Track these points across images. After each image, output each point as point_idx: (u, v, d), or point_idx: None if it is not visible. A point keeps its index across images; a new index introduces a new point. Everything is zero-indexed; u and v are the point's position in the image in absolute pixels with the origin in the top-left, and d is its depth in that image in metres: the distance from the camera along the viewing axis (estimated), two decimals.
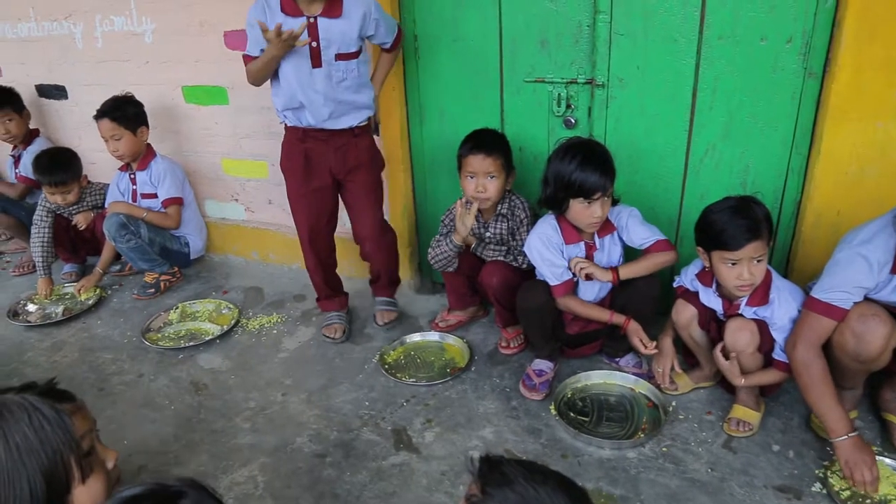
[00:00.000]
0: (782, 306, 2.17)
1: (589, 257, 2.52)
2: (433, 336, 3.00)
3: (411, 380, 2.70)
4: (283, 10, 2.52)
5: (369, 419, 2.50)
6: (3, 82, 4.32)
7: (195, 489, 1.03)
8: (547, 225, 2.51)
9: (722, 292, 2.28)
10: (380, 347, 2.94)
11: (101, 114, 3.47)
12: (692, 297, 2.37)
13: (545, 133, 2.86)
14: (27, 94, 4.27)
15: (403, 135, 3.11)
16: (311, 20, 2.50)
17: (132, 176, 3.65)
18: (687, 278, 2.41)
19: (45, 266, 3.70)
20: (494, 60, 2.82)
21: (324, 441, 2.40)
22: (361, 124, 2.78)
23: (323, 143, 2.75)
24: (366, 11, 2.57)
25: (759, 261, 2.11)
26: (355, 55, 2.62)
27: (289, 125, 2.78)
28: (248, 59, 2.64)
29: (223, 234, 3.94)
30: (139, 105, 3.57)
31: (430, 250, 2.84)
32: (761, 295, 2.19)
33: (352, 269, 3.53)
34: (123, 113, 3.48)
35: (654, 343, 2.43)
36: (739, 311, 2.25)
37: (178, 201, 3.66)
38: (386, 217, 3.30)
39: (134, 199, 3.66)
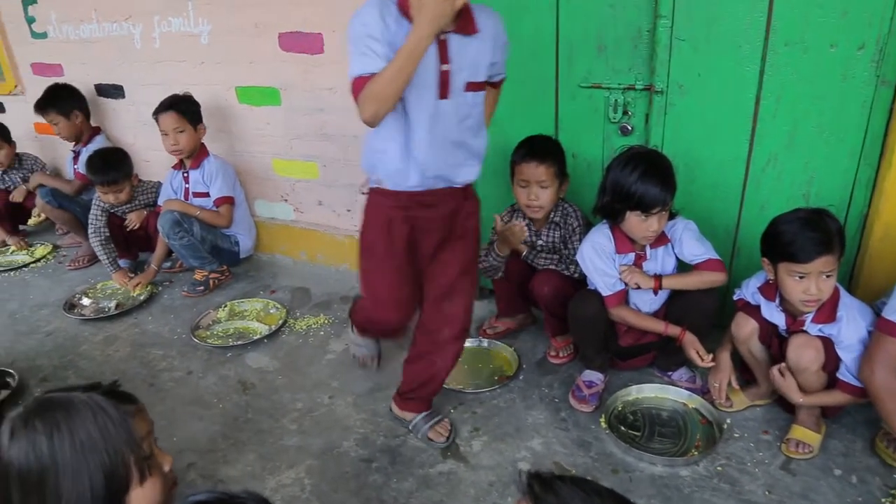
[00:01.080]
0: (850, 325, 2.09)
1: (638, 267, 2.46)
2: (481, 343, 2.96)
3: (458, 386, 2.67)
4: (402, 13, 1.87)
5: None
6: (65, 81, 4.44)
7: (257, 501, 1.03)
8: (600, 234, 2.46)
9: (786, 307, 2.20)
10: None
11: (167, 106, 3.54)
12: (753, 310, 2.30)
13: (600, 140, 2.81)
14: (86, 93, 4.38)
15: None
16: (442, 38, 1.91)
17: (185, 174, 3.70)
18: (748, 291, 2.34)
19: (112, 261, 3.78)
20: (550, 65, 2.78)
21: (370, 446, 2.38)
22: (473, 181, 2.23)
23: (431, 209, 2.13)
24: (496, 32, 2.06)
25: (828, 276, 2.03)
26: (482, 86, 2.08)
27: (387, 188, 2.12)
28: (361, 81, 1.84)
29: (272, 233, 3.97)
30: (198, 104, 3.63)
31: (479, 260, 2.81)
32: (828, 312, 2.11)
33: None
34: (188, 107, 3.56)
35: (711, 356, 2.37)
36: (804, 328, 2.17)
37: (229, 200, 3.70)
38: None
39: (186, 198, 3.71)
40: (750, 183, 2.61)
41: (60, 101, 4.12)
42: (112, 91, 4.29)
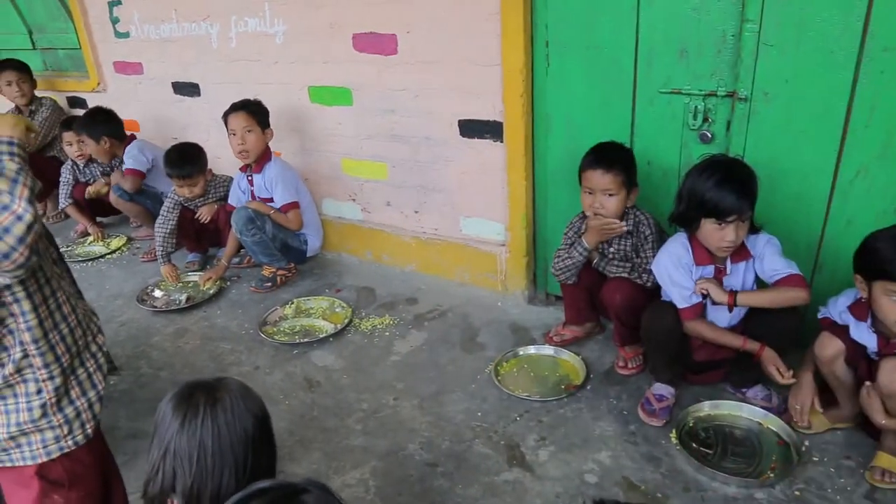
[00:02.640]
0: None
1: (717, 281, 2.38)
2: (547, 350, 2.92)
3: (524, 394, 2.63)
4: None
5: (481, 431, 2.45)
6: (144, 79, 4.60)
7: (320, 489, 1.03)
8: (678, 244, 2.39)
9: (879, 328, 2.09)
10: (492, 357, 2.88)
11: (239, 107, 3.60)
12: (840, 330, 2.19)
13: (677, 147, 2.73)
14: (163, 90, 4.51)
15: (527, 142, 3.04)
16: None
17: (250, 178, 3.76)
18: (835, 310, 2.23)
19: (165, 254, 3.87)
20: (628, 70, 2.72)
21: (435, 450, 2.37)
22: None
23: None
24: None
25: None
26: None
27: None
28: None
29: (339, 232, 4.01)
30: (267, 111, 3.69)
31: (554, 261, 2.77)
32: None
33: (465, 275, 3.50)
34: (258, 109, 3.62)
35: (791, 372, 2.27)
36: None
37: (295, 205, 3.72)
38: (504, 225, 3.27)
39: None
40: (836, 195, 2.49)
41: (95, 125, 4.27)
42: (188, 89, 4.39)
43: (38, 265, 1.34)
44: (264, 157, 3.72)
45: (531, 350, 2.93)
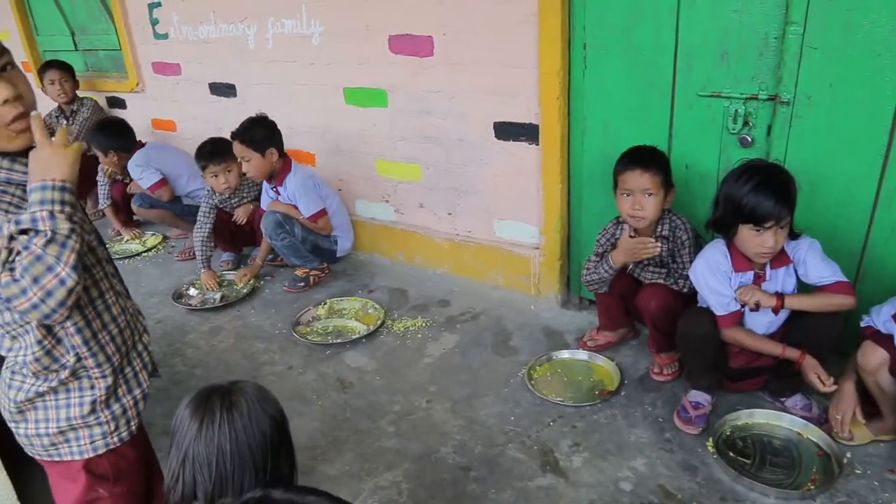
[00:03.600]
0: None
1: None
2: (581, 355, 2.90)
3: (558, 399, 2.62)
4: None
5: (515, 436, 2.44)
6: (182, 80, 4.66)
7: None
8: (716, 250, 2.35)
9: None
10: (525, 361, 2.87)
11: (232, 136, 3.59)
12: (884, 339, 2.13)
13: (716, 151, 2.69)
14: (201, 91, 4.56)
15: (563, 145, 3.02)
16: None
17: (275, 189, 3.79)
18: (879, 318, 2.18)
19: (205, 260, 3.91)
20: (667, 72, 2.68)
21: (468, 454, 2.36)
22: None
23: None
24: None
25: None
26: None
27: None
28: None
29: (371, 233, 4.02)
30: (269, 126, 3.61)
31: (584, 272, 2.75)
32: None
33: (498, 278, 3.49)
34: (251, 136, 3.55)
35: (832, 379, 2.22)
36: None
37: (322, 214, 3.71)
38: (538, 228, 3.25)
39: None
40: (881, 202, 2.44)
41: (104, 138, 4.37)
42: (224, 89, 4.44)
43: (90, 263, 1.36)
44: (283, 170, 3.69)
45: (565, 354, 2.91)
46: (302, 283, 3.74)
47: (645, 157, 2.55)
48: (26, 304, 1.11)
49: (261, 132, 3.58)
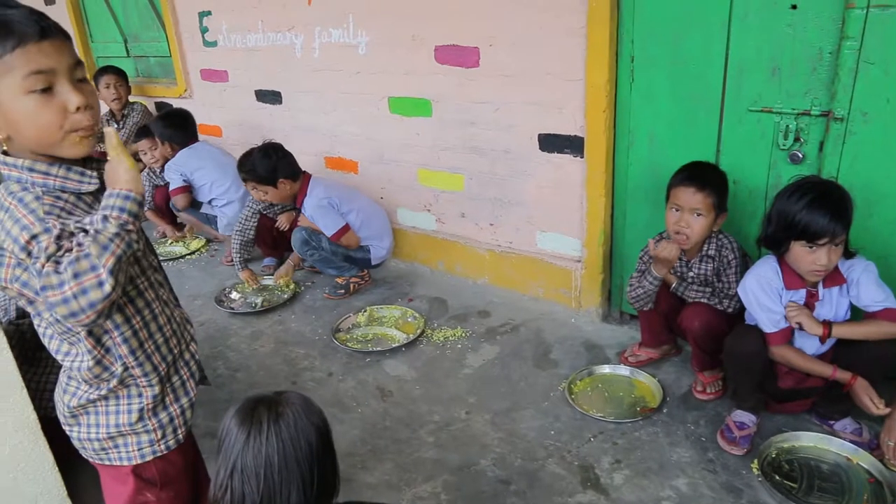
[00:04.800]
0: None
1: (809, 307, 2.28)
2: (622, 370, 2.86)
3: (599, 414, 2.59)
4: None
5: (555, 450, 2.42)
6: (229, 87, 4.75)
7: None
8: (767, 266, 2.31)
9: None
10: (565, 375, 2.85)
11: (239, 171, 3.77)
12: None
13: (765, 167, 2.65)
14: (246, 97, 4.64)
15: (608, 158, 3.00)
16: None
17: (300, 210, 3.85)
18: None
19: (241, 261, 3.98)
20: (716, 86, 2.65)
21: (508, 467, 2.35)
22: None
23: None
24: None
25: None
26: None
27: None
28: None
29: (412, 242, 4.03)
30: (274, 157, 3.66)
31: (628, 289, 2.72)
32: None
33: (539, 290, 3.48)
34: (256, 173, 3.66)
35: (884, 402, 2.16)
36: None
37: (343, 231, 3.70)
38: (580, 240, 3.23)
39: None
40: None
41: (178, 129, 4.54)
42: (270, 97, 4.51)
43: (129, 278, 1.37)
44: (301, 192, 3.74)
45: (606, 369, 2.88)
46: (342, 291, 3.77)
47: (702, 176, 2.51)
48: (59, 296, 1.10)
49: (264, 166, 3.65)
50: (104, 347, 1.34)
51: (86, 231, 1.17)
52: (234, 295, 3.91)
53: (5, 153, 1.27)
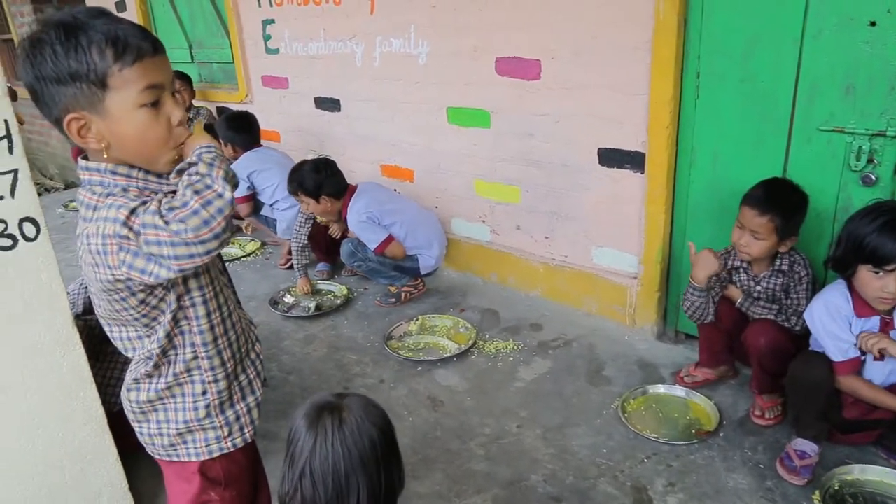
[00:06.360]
0: None
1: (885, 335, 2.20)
2: (678, 391, 2.80)
3: (653, 435, 2.54)
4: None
5: (607, 469, 2.38)
6: (288, 93, 4.84)
7: None
8: (837, 292, 2.24)
9: None
10: (619, 393, 2.80)
11: (289, 180, 3.80)
12: None
13: (835, 189, 2.57)
14: (306, 104, 4.72)
15: (669, 175, 2.96)
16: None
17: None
18: None
19: (301, 268, 4.02)
20: (786, 105, 2.59)
21: (559, 484, 2.32)
22: None
23: None
24: None
25: None
26: None
27: None
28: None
29: (466, 252, 4.03)
30: (322, 173, 3.70)
31: (682, 302, 2.67)
32: None
33: (592, 305, 3.44)
34: (303, 185, 3.72)
35: None
36: None
37: (386, 243, 3.69)
38: (637, 257, 3.19)
39: None
40: None
41: (241, 132, 4.61)
42: (329, 104, 4.58)
43: (215, 274, 1.42)
44: (344, 207, 3.77)
45: (661, 389, 2.83)
46: (392, 300, 3.79)
47: (770, 199, 2.43)
48: (187, 211, 1.14)
49: (312, 180, 3.71)
50: (179, 329, 1.37)
51: (190, 164, 1.23)
52: (288, 298, 3.96)
53: (85, 157, 1.31)
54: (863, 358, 2.22)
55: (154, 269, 1.17)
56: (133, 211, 1.18)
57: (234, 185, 1.22)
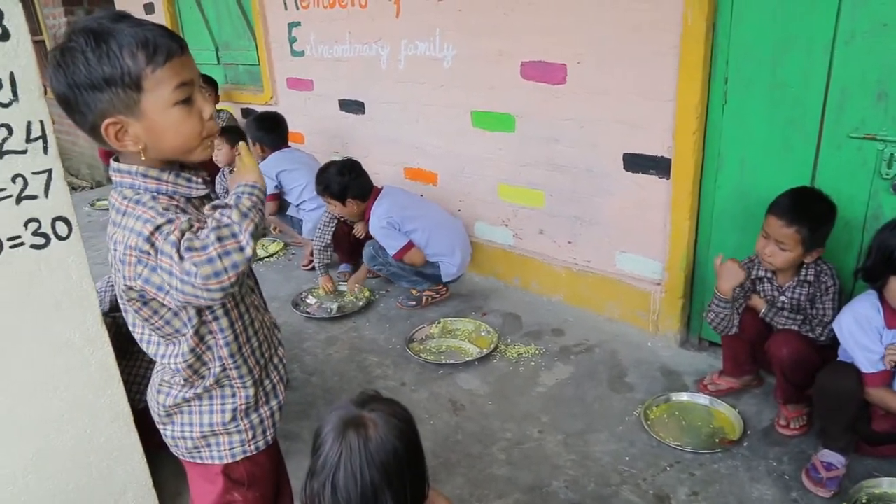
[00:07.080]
0: None
1: None
2: (701, 399, 2.78)
3: (676, 443, 2.52)
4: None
5: (629, 477, 2.36)
6: (313, 95, 4.87)
7: None
8: (867, 303, 2.20)
9: None
10: (641, 400, 2.79)
11: (316, 182, 3.85)
12: None
13: (865, 197, 2.53)
14: (330, 106, 4.74)
15: (695, 181, 2.93)
16: None
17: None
18: None
19: (323, 266, 4.05)
20: (815, 111, 2.56)
21: (580, 491, 2.31)
22: None
23: None
24: None
25: None
26: None
27: None
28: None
29: (488, 256, 4.03)
30: (348, 175, 3.71)
31: (705, 313, 2.65)
32: None
33: (615, 311, 3.42)
34: (329, 187, 3.74)
35: None
36: None
37: (406, 249, 3.66)
38: (662, 263, 3.17)
39: None
40: None
41: (269, 132, 4.68)
42: (353, 106, 4.60)
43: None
44: (367, 210, 3.77)
45: (684, 397, 2.80)
46: (413, 303, 3.79)
47: (797, 209, 2.40)
48: (203, 257, 1.14)
49: (338, 183, 3.72)
50: (206, 345, 1.38)
51: (225, 206, 1.23)
52: (311, 299, 3.98)
53: (116, 160, 1.32)
54: (894, 370, 2.19)
55: (167, 288, 1.20)
56: (158, 228, 1.19)
57: (257, 238, 1.22)
